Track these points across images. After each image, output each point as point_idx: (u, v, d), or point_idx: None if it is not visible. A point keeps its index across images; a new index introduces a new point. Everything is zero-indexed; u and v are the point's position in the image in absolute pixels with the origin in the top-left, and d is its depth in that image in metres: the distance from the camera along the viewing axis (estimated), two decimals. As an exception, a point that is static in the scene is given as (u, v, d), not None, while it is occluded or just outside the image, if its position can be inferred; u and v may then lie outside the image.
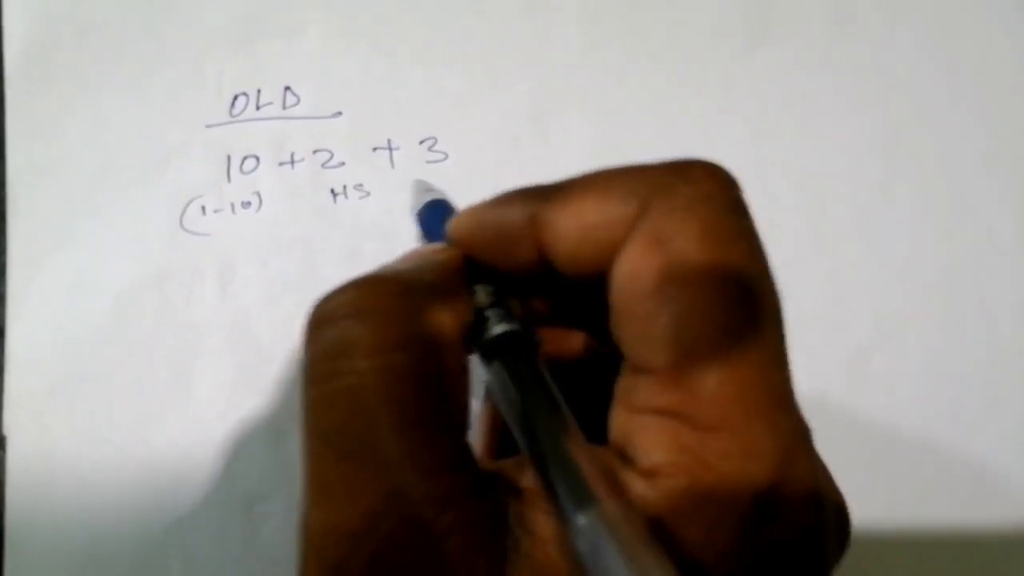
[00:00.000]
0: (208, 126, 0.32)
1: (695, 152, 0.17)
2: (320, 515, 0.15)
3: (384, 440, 0.15)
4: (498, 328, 0.17)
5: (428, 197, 0.26)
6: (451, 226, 0.19)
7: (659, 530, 0.15)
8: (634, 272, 0.15)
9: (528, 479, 0.16)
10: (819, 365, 0.33)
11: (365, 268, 0.17)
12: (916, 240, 0.34)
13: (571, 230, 0.16)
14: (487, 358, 0.18)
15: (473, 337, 0.18)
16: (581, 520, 0.14)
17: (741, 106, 0.35)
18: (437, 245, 0.20)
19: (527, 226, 0.17)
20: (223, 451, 0.30)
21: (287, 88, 0.33)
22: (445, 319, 0.16)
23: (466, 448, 0.15)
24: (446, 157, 0.33)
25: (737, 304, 0.15)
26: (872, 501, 0.31)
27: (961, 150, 0.35)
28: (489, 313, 0.18)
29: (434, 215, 0.26)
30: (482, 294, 0.18)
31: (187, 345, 0.31)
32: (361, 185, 0.32)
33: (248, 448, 0.30)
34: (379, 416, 0.15)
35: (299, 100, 0.33)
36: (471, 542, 0.14)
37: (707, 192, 0.16)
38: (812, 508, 0.15)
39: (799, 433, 0.16)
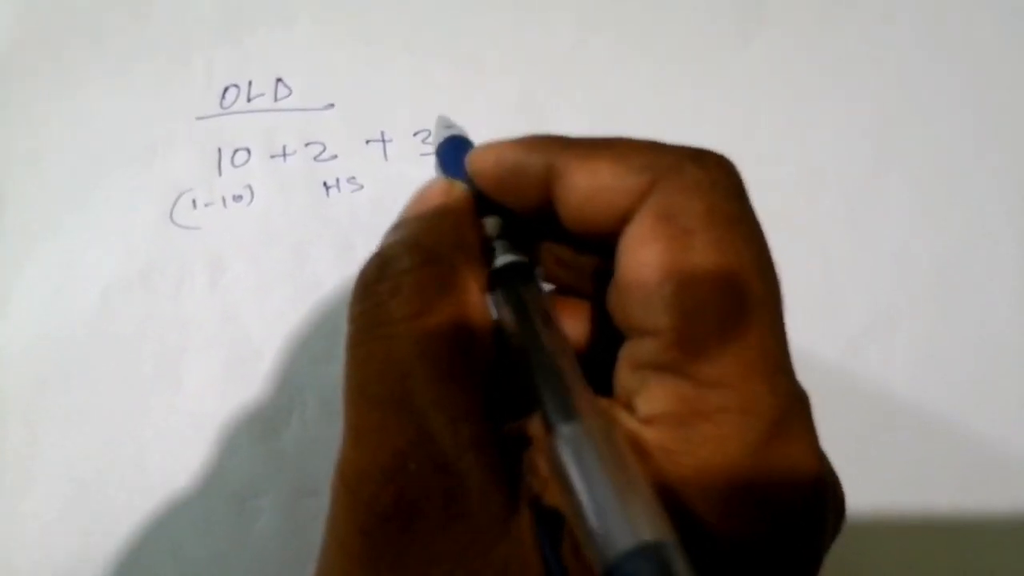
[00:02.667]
0: (199, 118, 0.32)
1: (688, 141, 0.18)
2: (355, 456, 0.17)
3: (415, 389, 0.16)
4: (503, 258, 0.19)
5: (448, 133, 0.27)
6: (470, 158, 0.20)
7: (655, 477, 0.15)
8: (642, 241, 0.17)
9: (535, 427, 0.17)
10: (813, 355, 0.33)
11: (358, 262, 0.17)
12: (910, 228, 0.34)
13: (582, 187, 0.18)
14: (492, 286, 0.19)
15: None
16: (565, 430, 0.15)
17: (735, 95, 0.35)
18: (444, 184, 0.21)
19: (542, 172, 0.18)
20: (213, 447, 0.30)
21: (279, 80, 0.32)
22: (470, 280, 0.18)
23: (488, 400, 0.17)
24: (439, 150, 0.32)
25: (737, 279, 0.16)
26: (867, 489, 0.31)
27: (954, 138, 0.35)
28: (496, 244, 0.19)
29: (453, 150, 0.27)
30: (490, 225, 0.20)
31: (177, 340, 0.30)
32: (354, 178, 0.32)
33: (239, 443, 0.30)
34: (411, 369, 0.16)
35: (291, 92, 0.32)
36: (490, 480, 0.16)
37: (714, 178, 0.17)
38: (811, 472, 0.16)
39: (797, 397, 0.17)
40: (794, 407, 0.16)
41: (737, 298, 0.16)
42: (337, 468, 0.17)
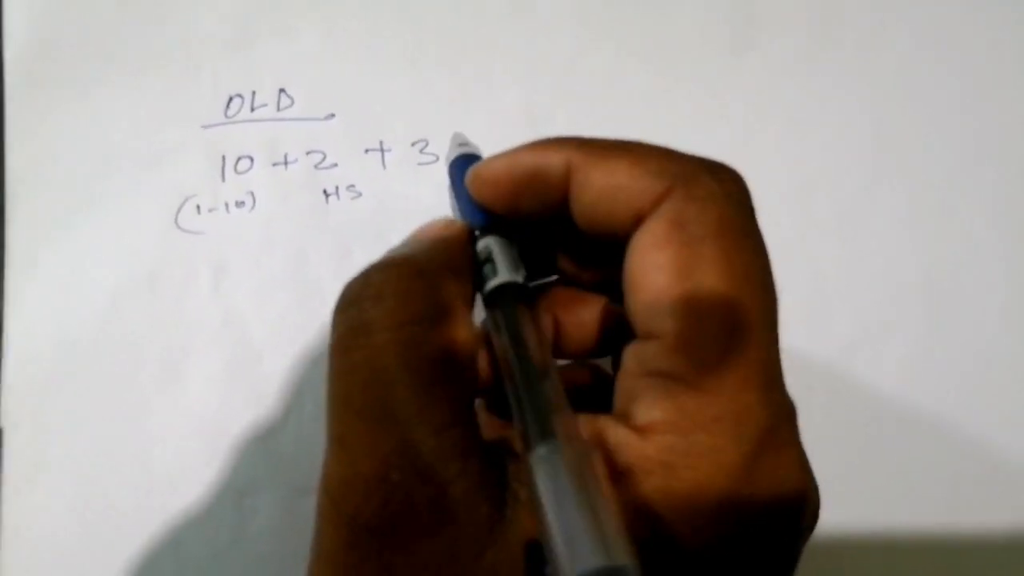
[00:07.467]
0: (204, 127, 0.33)
1: (685, 150, 0.18)
2: (338, 468, 0.17)
3: (398, 399, 0.16)
4: (496, 279, 0.19)
5: (462, 150, 0.27)
6: (476, 171, 0.20)
7: (649, 486, 0.16)
8: (653, 245, 0.17)
9: (518, 442, 0.17)
10: (803, 365, 0.33)
11: (356, 268, 0.18)
12: (901, 241, 0.35)
13: (598, 184, 0.18)
14: (486, 306, 0.19)
15: (477, 286, 0.19)
16: (541, 450, 0.15)
17: (729, 108, 0.35)
18: (445, 220, 0.21)
19: (562, 170, 0.19)
20: (214, 445, 0.30)
21: (281, 90, 0.33)
22: (455, 294, 0.18)
23: (472, 410, 0.17)
24: (437, 159, 0.33)
25: (740, 291, 0.16)
26: (857, 499, 0.31)
27: (946, 152, 0.36)
28: (488, 267, 0.20)
29: (465, 167, 0.27)
30: (483, 248, 0.20)
31: (180, 342, 0.31)
32: (353, 186, 0.33)
33: (239, 443, 0.31)
34: (394, 378, 0.16)
35: (293, 102, 0.33)
36: (474, 489, 0.16)
37: (728, 190, 0.17)
38: (797, 483, 0.17)
39: (788, 409, 0.17)
40: (784, 417, 0.17)
41: (742, 311, 0.16)
42: (321, 481, 0.17)
